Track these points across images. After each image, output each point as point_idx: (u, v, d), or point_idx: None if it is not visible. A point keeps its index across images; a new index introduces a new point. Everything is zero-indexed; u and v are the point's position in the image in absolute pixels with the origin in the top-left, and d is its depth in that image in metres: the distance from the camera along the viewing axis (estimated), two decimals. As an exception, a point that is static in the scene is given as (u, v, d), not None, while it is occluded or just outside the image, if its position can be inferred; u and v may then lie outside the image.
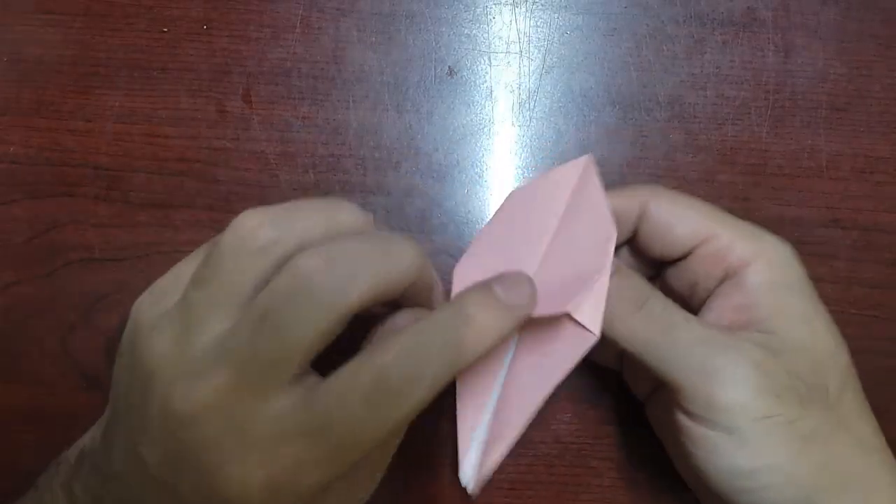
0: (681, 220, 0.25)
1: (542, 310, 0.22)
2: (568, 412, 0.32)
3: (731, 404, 0.22)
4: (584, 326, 0.22)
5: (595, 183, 0.24)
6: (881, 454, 0.24)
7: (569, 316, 0.22)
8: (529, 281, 0.23)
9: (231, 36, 0.34)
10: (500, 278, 0.22)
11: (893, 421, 0.30)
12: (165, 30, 0.35)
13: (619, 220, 0.24)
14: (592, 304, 0.23)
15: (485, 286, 0.22)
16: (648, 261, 0.27)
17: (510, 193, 0.26)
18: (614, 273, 0.23)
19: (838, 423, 0.23)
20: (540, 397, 0.23)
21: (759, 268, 0.24)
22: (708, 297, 0.25)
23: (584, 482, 0.32)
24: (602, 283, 0.23)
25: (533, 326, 0.24)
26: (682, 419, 0.23)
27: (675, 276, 0.26)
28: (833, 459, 0.23)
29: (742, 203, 0.33)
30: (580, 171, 0.25)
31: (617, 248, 0.26)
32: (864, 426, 0.24)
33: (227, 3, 0.35)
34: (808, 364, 0.23)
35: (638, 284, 0.24)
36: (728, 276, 0.25)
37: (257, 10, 0.35)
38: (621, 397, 0.31)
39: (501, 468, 0.32)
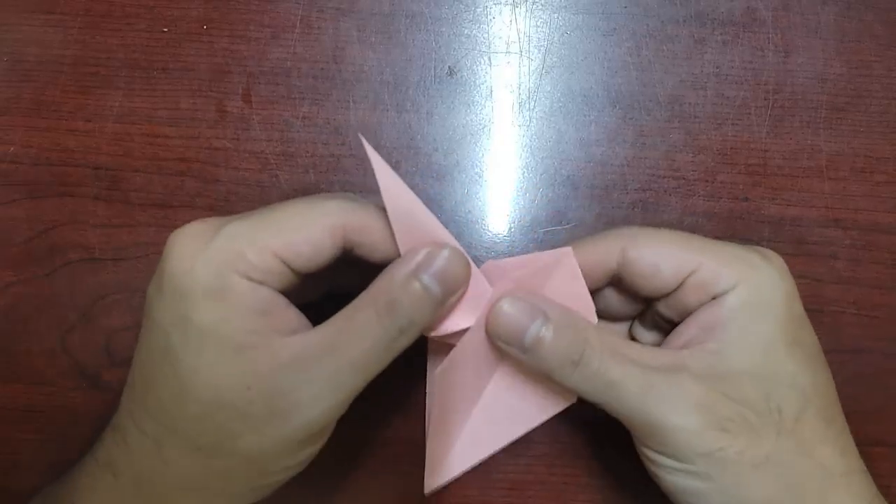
0: (664, 259, 0.24)
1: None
2: (567, 412, 0.32)
3: (678, 444, 0.23)
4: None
5: (576, 274, 0.24)
6: (844, 478, 0.23)
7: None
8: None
9: (231, 36, 0.34)
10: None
11: (893, 421, 0.30)
12: (165, 30, 0.35)
13: (595, 270, 0.25)
14: None
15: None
16: (636, 298, 0.27)
17: (487, 262, 0.25)
18: (551, 329, 0.23)
19: (796, 448, 0.23)
20: (512, 436, 0.26)
21: (741, 291, 0.24)
22: None
23: (584, 482, 0.32)
24: None
25: (519, 366, 0.25)
26: (640, 447, 0.25)
27: (665, 306, 0.26)
28: (789, 485, 0.23)
29: (742, 203, 0.33)
30: (558, 261, 0.24)
31: (599, 291, 0.27)
32: (827, 449, 0.23)
33: (227, 3, 0.35)
34: (759, 390, 0.23)
35: (571, 339, 0.23)
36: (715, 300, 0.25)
37: (257, 10, 0.35)
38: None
39: (501, 468, 0.32)
